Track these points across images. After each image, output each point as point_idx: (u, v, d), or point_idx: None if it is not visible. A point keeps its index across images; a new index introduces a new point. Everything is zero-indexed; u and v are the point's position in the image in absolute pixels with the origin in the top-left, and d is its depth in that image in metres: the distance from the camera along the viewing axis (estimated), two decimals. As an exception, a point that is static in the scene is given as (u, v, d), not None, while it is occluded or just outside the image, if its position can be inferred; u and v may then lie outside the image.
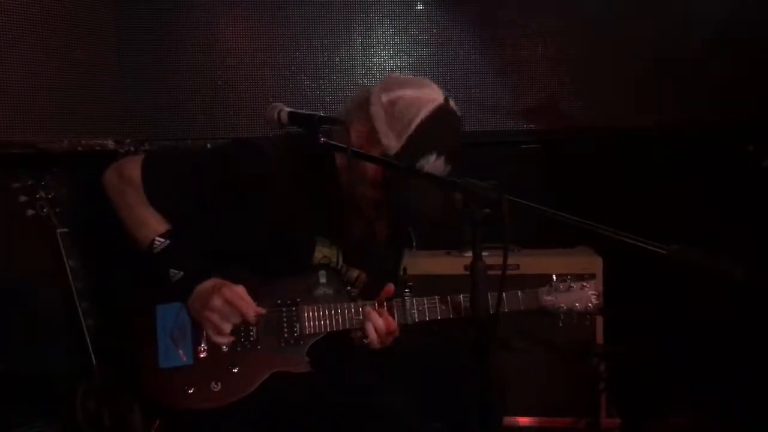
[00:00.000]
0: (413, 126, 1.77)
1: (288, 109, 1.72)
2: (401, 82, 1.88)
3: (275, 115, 1.73)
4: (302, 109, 1.74)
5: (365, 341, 1.86)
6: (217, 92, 3.11)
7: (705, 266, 1.28)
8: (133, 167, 1.86)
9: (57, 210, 2.41)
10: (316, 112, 1.71)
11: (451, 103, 1.85)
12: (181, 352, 1.82)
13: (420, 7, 3.13)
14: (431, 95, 1.82)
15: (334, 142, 1.71)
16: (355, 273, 2.00)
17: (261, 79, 3.11)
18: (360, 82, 3.13)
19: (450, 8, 3.12)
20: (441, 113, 1.80)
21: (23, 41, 2.58)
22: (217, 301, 1.76)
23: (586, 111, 3.14)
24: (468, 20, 3.12)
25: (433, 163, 1.75)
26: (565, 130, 3.17)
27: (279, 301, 1.87)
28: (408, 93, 1.81)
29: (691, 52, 3.05)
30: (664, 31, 3.05)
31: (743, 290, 1.26)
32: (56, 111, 2.74)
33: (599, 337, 2.76)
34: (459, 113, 1.86)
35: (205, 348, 1.82)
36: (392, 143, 1.78)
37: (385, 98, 1.82)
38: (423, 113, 1.78)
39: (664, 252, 1.30)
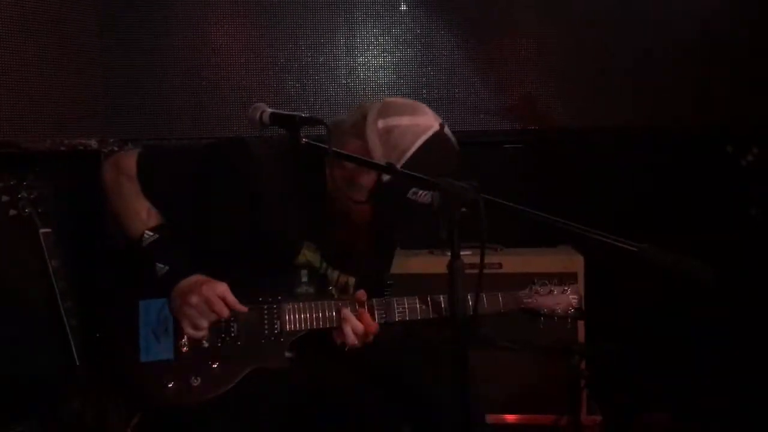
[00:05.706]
0: (407, 155, 1.77)
1: (270, 110, 1.72)
2: (398, 108, 1.86)
3: (258, 116, 1.73)
4: (286, 109, 1.74)
5: (345, 341, 1.87)
6: (201, 92, 3.11)
7: (673, 265, 1.31)
8: (130, 159, 1.92)
9: (39, 210, 2.41)
10: (297, 113, 1.71)
11: (446, 129, 1.84)
12: (162, 346, 1.82)
13: (403, 7, 3.14)
14: (427, 123, 1.82)
15: (315, 142, 1.72)
16: (335, 274, 2.01)
17: (245, 79, 3.11)
18: (344, 82, 3.15)
19: (433, 9, 3.14)
20: (435, 142, 1.80)
21: (5, 41, 2.58)
22: (194, 298, 1.78)
23: (568, 111, 3.16)
24: (451, 21, 3.14)
25: (424, 193, 1.74)
26: (547, 130, 3.18)
27: (260, 299, 1.89)
28: (404, 121, 1.81)
29: (670, 52, 3.08)
30: (644, 31, 3.08)
31: (714, 289, 1.28)
32: (39, 111, 2.74)
33: (580, 335, 2.79)
34: (454, 140, 1.85)
35: (186, 343, 1.83)
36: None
37: (381, 124, 1.81)
38: (418, 143, 1.78)
39: (634, 249, 1.33)
